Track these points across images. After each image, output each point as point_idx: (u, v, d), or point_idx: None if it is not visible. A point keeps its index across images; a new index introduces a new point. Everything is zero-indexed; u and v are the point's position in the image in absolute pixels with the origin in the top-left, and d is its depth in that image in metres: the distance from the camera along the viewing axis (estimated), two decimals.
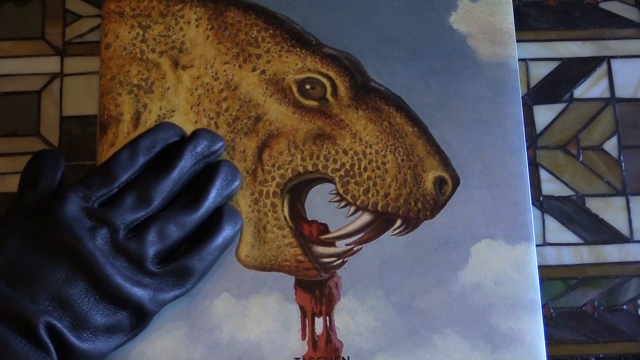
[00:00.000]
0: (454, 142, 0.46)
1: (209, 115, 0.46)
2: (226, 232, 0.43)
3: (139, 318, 0.41)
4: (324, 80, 0.47)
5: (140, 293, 0.40)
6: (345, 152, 0.46)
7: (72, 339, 0.38)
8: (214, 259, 0.43)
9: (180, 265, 0.41)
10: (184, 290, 0.42)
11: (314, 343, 0.43)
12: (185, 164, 0.43)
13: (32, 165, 0.43)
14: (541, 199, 0.51)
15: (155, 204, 0.42)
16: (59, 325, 0.37)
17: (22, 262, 0.39)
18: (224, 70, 0.47)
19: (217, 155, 0.45)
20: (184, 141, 0.44)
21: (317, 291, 0.44)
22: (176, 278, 0.41)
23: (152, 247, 0.41)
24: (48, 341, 0.37)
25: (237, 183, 0.44)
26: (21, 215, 0.41)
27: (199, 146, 0.43)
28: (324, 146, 0.46)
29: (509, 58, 0.48)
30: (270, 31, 0.48)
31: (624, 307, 0.50)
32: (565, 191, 0.51)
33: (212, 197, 0.43)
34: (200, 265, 0.42)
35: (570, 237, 0.51)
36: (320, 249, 0.44)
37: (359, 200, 0.45)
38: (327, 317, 0.43)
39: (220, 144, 0.44)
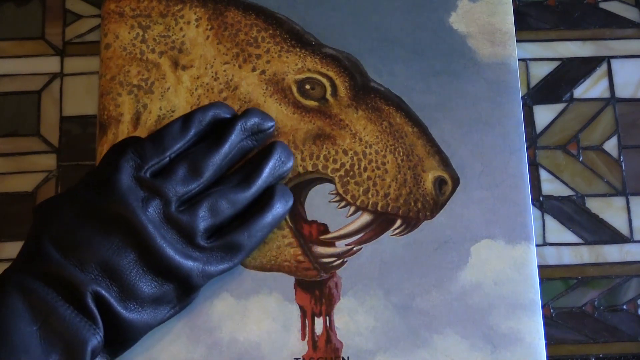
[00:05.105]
0: (454, 142, 0.46)
1: None
2: (277, 210, 0.43)
3: (185, 291, 0.41)
4: (324, 81, 0.47)
5: (189, 266, 0.40)
6: (345, 152, 0.46)
7: (119, 308, 0.39)
8: (263, 236, 0.43)
9: (230, 241, 0.42)
10: (232, 265, 0.42)
11: (313, 343, 0.43)
12: (235, 139, 0.43)
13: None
14: (541, 199, 0.51)
15: (206, 176, 0.42)
16: (107, 295, 0.38)
17: (75, 231, 0.39)
18: (224, 71, 0.47)
19: (266, 134, 0.45)
20: (235, 117, 0.44)
21: (317, 291, 0.44)
22: (225, 253, 0.42)
23: (203, 221, 0.41)
24: (95, 310, 0.38)
25: (290, 164, 0.44)
26: (80, 185, 0.41)
27: (249, 122, 0.44)
28: (324, 146, 0.46)
29: (508, 58, 0.47)
30: (270, 31, 0.48)
31: (624, 307, 0.50)
32: (565, 191, 0.51)
33: (265, 176, 0.43)
34: (249, 241, 0.42)
35: (570, 237, 0.51)
36: (320, 249, 0.44)
37: (359, 201, 0.45)
38: (327, 317, 0.43)
39: (270, 124, 0.45)
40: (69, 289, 0.38)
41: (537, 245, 0.47)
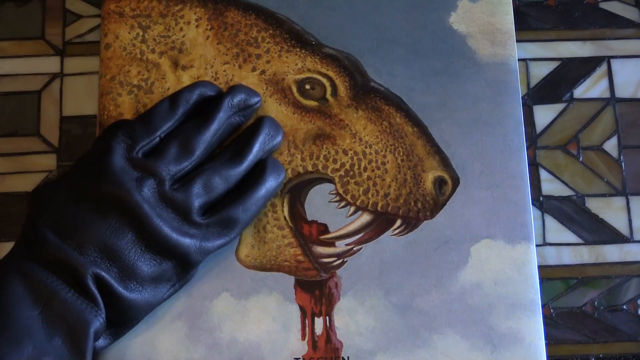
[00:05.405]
0: (454, 142, 0.46)
1: None
2: (269, 183, 0.43)
3: (184, 268, 0.42)
4: (324, 81, 0.47)
5: (186, 243, 0.41)
6: (345, 152, 0.46)
7: (120, 289, 0.39)
8: (258, 209, 0.43)
9: (225, 216, 0.42)
10: (229, 240, 0.43)
11: (313, 343, 0.43)
12: (223, 115, 0.43)
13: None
14: (541, 199, 0.51)
15: (197, 153, 0.42)
16: (107, 277, 0.39)
17: (71, 214, 0.40)
18: (224, 71, 0.47)
19: (252, 109, 0.45)
20: (221, 95, 0.44)
21: (317, 291, 0.44)
22: (221, 228, 0.42)
23: (197, 198, 0.41)
24: (96, 292, 0.38)
25: (279, 138, 0.45)
26: (73, 169, 0.41)
27: (236, 98, 0.44)
28: (324, 146, 0.46)
29: (508, 58, 0.47)
30: (270, 31, 0.48)
31: (624, 307, 0.50)
32: (565, 191, 0.51)
33: (256, 151, 0.43)
34: (244, 215, 0.42)
35: (570, 237, 0.51)
36: (320, 249, 0.44)
37: (359, 200, 0.45)
38: (327, 317, 0.43)
39: (256, 99, 0.45)
40: (69, 272, 0.38)
41: (537, 245, 0.47)
